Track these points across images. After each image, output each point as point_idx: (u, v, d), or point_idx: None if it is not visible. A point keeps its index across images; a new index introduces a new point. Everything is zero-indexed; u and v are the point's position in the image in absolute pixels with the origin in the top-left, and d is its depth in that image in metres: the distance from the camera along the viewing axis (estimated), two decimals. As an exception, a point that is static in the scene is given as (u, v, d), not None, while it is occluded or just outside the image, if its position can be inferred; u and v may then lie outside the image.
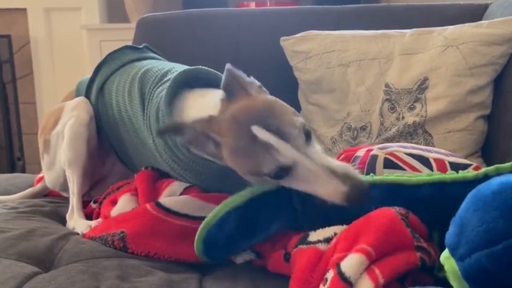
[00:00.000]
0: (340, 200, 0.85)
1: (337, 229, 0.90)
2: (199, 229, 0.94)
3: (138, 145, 1.24)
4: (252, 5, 3.18)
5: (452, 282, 0.72)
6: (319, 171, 0.86)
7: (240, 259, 1.01)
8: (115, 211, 1.16)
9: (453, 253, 0.71)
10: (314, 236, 0.91)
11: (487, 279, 0.66)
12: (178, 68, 1.23)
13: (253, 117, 0.90)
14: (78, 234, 1.15)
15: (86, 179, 1.31)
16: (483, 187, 0.71)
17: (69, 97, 1.41)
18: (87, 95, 1.35)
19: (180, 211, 1.06)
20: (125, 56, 1.37)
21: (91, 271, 0.94)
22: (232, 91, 0.96)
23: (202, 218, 0.96)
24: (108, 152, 1.37)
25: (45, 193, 1.46)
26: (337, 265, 0.79)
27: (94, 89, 1.34)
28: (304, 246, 0.90)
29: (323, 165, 0.87)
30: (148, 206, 1.07)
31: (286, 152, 0.87)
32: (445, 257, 0.73)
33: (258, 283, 0.92)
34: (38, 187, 1.45)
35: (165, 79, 1.19)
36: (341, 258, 0.80)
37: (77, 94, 1.39)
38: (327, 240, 0.89)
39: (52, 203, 1.36)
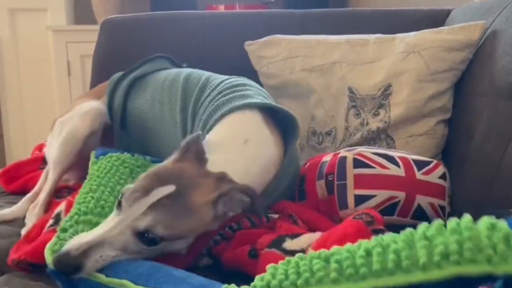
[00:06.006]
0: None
1: (313, 236, 0.94)
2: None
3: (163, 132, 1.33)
4: (221, 8, 3.18)
5: None
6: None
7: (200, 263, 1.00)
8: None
9: None
10: (290, 244, 0.92)
11: None
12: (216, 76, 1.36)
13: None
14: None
15: (65, 176, 1.36)
16: None
17: (101, 90, 1.48)
18: (113, 91, 1.44)
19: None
20: (163, 63, 1.50)
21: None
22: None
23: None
24: None
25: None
26: None
27: (124, 84, 1.43)
28: (278, 252, 0.90)
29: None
30: None
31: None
32: None
33: None
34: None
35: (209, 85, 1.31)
36: None
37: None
38: (303, 252, 0.89)
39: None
